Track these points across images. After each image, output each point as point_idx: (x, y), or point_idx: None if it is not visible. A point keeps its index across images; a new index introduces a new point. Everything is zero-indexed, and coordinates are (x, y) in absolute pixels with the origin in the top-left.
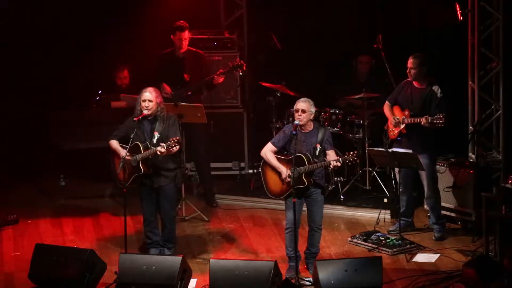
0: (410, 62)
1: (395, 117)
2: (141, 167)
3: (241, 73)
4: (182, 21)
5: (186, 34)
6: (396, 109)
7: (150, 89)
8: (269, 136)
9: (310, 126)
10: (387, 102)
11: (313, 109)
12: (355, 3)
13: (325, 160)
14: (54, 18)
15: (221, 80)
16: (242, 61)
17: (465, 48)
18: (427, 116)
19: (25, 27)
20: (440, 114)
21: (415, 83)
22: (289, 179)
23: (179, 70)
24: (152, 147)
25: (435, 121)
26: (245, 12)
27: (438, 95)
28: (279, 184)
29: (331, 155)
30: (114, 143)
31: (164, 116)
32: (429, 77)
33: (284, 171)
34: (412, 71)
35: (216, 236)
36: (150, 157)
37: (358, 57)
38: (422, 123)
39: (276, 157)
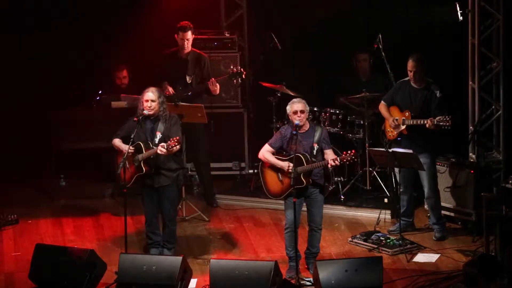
0: (412, 65)
1: (394, 119)
2: (143, 167)
3: (240, 81)
4: (186, 22)
5: (189, 35)
6: (395, 110)
7: (153, 88)
8: (269, 136)
9: (306, 126)
10: (383, 102)
11: (308, 108)
12: (355, 3)
13: (323, 160)
14: (54, 19)
15: (217, 90)
16: (242, 69)
17: (465, 48)
18: (432, 118)
19: (25, 27)
20: (447, 117)
21: (413, 83)
22: (291, 171)
23: (182, 71)
24: (154, 147)
25: (441, 123)
26: (245, 12)
27: (438, 95)
28: (279, 184)
29: (329, 154)
30: (117, 142)
31: (166, 116)
32: (426, 77)
33: (285, 163)
34: (415, 74)
35: (216, 236)
36: (151, 157)
37: (356, 55)
38: (427, 125)
39: (275, 157)
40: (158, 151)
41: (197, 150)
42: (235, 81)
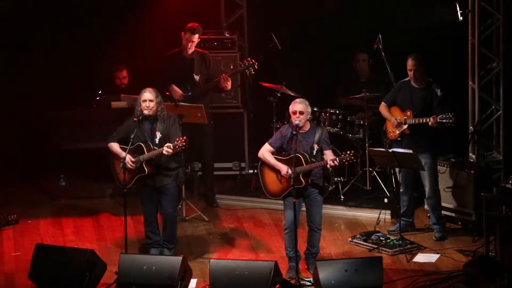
0: (411, 64)
1: (396, 118)
2: (145, 168)
3: (253, 72)
4: (196, 24)
5: (196, 38)
6: (396, 110)
7: (150, 89)
8: (269, 136)
9: (307, 126)
10: (383, 103)
11: (309, 109)
12: (355, 3)
13: (322, 160)
14: (54, 19)
15: (229, 85)
16: (253, 60)
17: (465, 48)
18: (434, 116)
19: (26, 27)
20: (450, 114)
21: (413, 83)
22: (289, 174)
23: (189, 70)
24: (155, 147)
25: (444, 120)
26: (245, 12)
27: (439, 93)
28: (278, 184)
29: (328, 154)
30: (115, 146)
31: (164, 115)
32: (426, 76)
33: (284, 168)
34: (415, 73)
35: (216, 236)
36: (153, 157)
37: (356, 56)
38: (430, 123)
39: (274, 157)
40: (164, 152)
41: (203, 149)
42: (248, 72)
